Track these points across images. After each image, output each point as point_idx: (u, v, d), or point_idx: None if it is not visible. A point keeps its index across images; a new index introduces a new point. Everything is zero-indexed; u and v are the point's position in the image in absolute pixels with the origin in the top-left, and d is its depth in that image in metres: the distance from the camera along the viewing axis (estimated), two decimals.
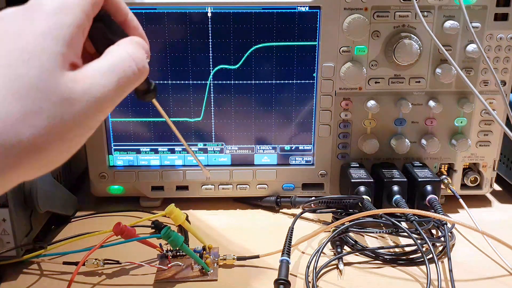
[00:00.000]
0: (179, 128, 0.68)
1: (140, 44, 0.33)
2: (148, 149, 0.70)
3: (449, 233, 0.58)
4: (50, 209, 0.59)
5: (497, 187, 0.76)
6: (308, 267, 0.53)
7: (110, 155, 0.70)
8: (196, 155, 0.46)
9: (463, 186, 0.71)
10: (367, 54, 0.65)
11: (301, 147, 0.70)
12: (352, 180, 0.64)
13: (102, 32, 0.33)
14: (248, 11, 0.63)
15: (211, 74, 0.66)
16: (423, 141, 0.68)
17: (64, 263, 0.55)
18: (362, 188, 0.64)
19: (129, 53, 0.31)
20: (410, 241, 0.56)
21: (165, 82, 0.66)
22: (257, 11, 0.63)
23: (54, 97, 0.27)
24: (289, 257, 0.52)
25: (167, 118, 0.42)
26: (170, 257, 0.56)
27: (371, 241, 0.62)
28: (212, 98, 0.67)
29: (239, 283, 0.53)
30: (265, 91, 0.67)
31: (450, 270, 0.51)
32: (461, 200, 0.66)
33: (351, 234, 0.59)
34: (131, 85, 0.32)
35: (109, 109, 0.30)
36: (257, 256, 0.56)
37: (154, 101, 0.38)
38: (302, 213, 0.65)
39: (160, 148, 0.70)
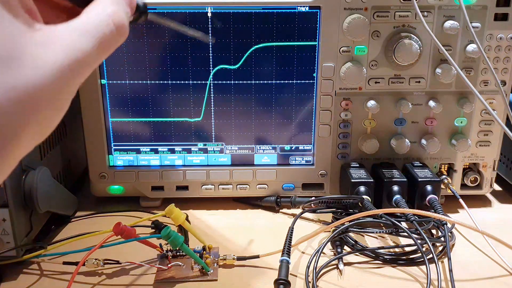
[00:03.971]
0: (179, 128, 0.68)
1: (119, 1, 0.30)
2: (148, 149, 0.70)
3: (449, 233, 0.58)
4: (50, 209, 0.59)
5: (497, 187, 0.76)
6: (308, 267, 0.53)
7: (110, 155, 0.70)
8: (192, 32, 0.43)
9: (463, 186, 0.71)
10: (367, 54, 0.65)
11: (301, 147, 0.70)
12: (352, 180, 0.64)
13: None
14: (248, 11, 0.63)
15: (211, 74, 0.66)
16: (423, 141, 0.68)
17: (64, 263, 0.55)
18: (362, 188, 0.64)
19: (108, 14, 0.29)
20: (410, 241, 0.56)
21: (165, 82, 0.66)
22: (257, 11, 0.63)
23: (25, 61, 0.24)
24: (289, 257, 0.52)
25: (173, 25, 0.41)
26: (170, 257, 0.56)
27: (371, 241, 0.62)
28: (212, 98, 0.67)
29: (239, 283, 0.53)
30: (265, 91, 0.67)
31: (450, 270, 0.51)
32: (461, 200, 0.66)
33: (351, 234, 0.59)
34: (112, 47, 0.29)
35: (89, 72, 0.28)
36: (257, 256, 0.56)
37: (151, 18, 0.36)
38: (302, 213, 0.65)
39: (160, 148, 0.70)
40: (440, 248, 0.58)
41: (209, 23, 0.64)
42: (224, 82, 0.66)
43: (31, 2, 0.27)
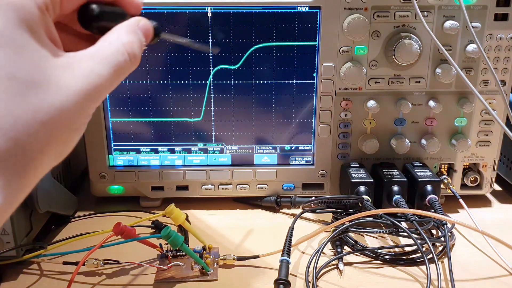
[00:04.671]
0: (179, 128, 0.68)
1: (135, 31, 0.33)
2: (148, 149, 0.70)
3: (449, 233, 0.58)
4: (50, 209, 0.59)
5: (497, 187, 0.76)
6: (308, 267, 0.53)
7: (110, 155, 0.70)
8: (201, 47, 0.46)
9: (463, 186, 0.71)
10: (367, 54, 0.65)
11: (301, 147, 0.70)
12: (352, 180, 0.64)
13: (98, 26, 0.33)
14: (248, 11, 0.63)
15: (211, 74, 0.66)
16: (423, 141, 0.68)
17: (64, 263, 0.55)
18: (362, 188, 0.64)
19: (123, 44, 0.31)
20: (410, 241, 0.56)
21: (165, 82, 0.66)
22: (257, 11, 0.63)
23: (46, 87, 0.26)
24: (289, 257, 0.52)
25: (182, 41, 0.43)
26: (170, 257, 0.56)
27: (371, 241, 0.62)
28: (212, 98, 0.67)
29: (239, 283, 0.53)
30: (265, 91, 0.67)
31: (450, 270, 0.51)
32: (461, 200, 0.66)
33: (351, 234, 0.59)
34: (125, 73, 0.32)
35: (104, 97, 0.30)
36: (257, 256, 0.56)
37: (163, 37, 0.38)
38: (302, 213, 0.65)
39: (160, 148, 0.70)
40: (440, 248, 0.58)
41: (209, 23, 0.64)
42: (224, 82, 0.66)
43: (54, 31, 0.29)
